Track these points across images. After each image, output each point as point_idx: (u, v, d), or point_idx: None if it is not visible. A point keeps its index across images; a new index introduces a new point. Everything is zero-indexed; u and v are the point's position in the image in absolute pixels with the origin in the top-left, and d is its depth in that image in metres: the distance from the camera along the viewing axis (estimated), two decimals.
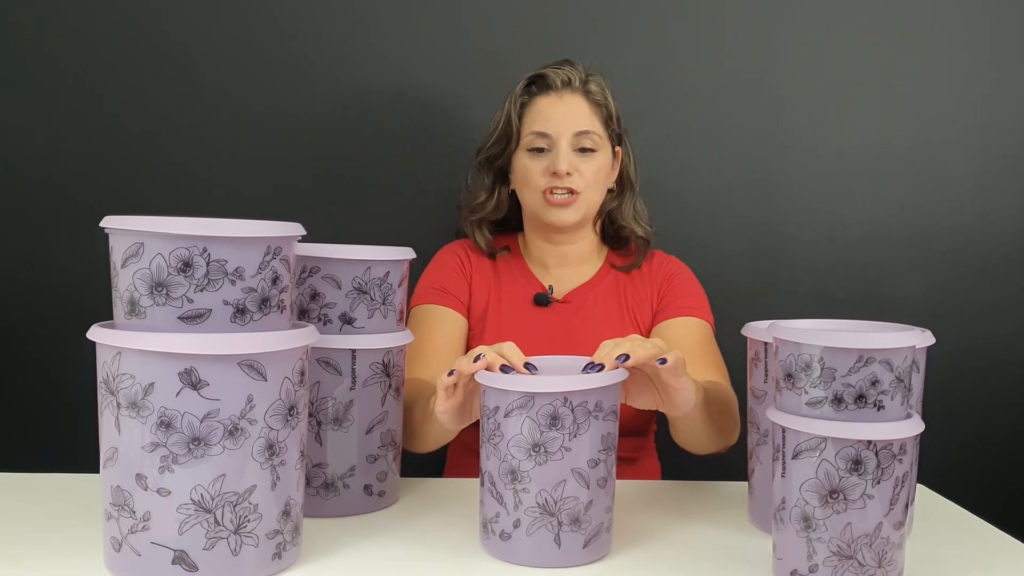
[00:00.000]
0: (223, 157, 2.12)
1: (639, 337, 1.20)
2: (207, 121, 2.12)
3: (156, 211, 1.01)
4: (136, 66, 2.11)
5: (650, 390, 1.24)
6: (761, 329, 1.23)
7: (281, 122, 2.12)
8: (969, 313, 2.23)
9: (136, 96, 2.11)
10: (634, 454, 1.76)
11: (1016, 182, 2.23)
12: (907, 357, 1.01)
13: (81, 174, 2.11)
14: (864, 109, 2.20)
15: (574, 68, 1.73)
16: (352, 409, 1.27)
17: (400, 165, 2.13)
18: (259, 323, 1.01)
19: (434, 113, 2.13)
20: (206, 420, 0.96)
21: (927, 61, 2.20)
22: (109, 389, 0.99)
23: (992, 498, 1.70)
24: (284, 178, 2.12)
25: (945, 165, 2.22)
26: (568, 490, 1.08)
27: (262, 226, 1.00)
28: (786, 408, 1.05)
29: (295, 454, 1.05)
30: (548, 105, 1.71)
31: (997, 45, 2.21)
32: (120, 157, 2.11)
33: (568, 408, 1.07)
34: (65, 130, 2.11)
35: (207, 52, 2.12)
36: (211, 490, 0.97)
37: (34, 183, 2.11)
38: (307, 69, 2.13)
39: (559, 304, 1.75)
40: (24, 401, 2.14)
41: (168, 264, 0.96)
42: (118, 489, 0.99)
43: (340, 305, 1.26)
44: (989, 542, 1.25)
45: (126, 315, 0.99)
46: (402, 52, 2.12)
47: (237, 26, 2.12)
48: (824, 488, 1.00)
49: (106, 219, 0.99)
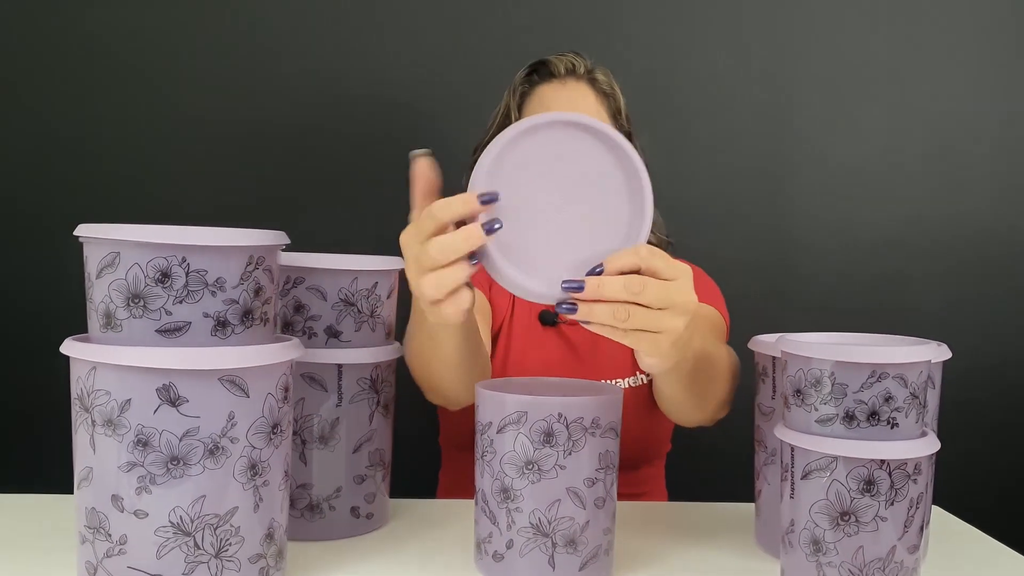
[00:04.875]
0: (203, 163, 2.12)
1: (652, 283, 0.96)
2: (186, 126, 2.12)
3: (133, 219, 1.01)
4: (112, 70, 2.11)
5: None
6: (769, 343, 1.23)
7: (264, 126, 2.13)
8: (987, 326, 2.24)
9: (112, 100, 2.11)
10: (640, 488, 1.72)
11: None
12: (922, 372, 1.02)
13: (55, 181, 2.11)
14: (877, 111, 2.21)
15: (578, 56, 1.71)
16: (338, 427, 1.27)
17: (389, 170, 2.13)
18: (241, 337, 1.01)
19: (426, 115, 2.13)
20: (185, 438, 0.96)
21: (943, 60, 2.21)
22: (83, 406, 0.99)
23: (1012, 521, 1.70)
24: (267, 185, 2.13)
25: (962, 170, 2.23)
26: (563, 510, 1.08)
27: (244, 235, 1.00)
28: (795, 426, 1.05)
29: (279, 474, 1.05)
30: (551, 93, 1.68)
31: (1018, 45, 2.22)
32: (96, 163, 2.12)
33: (563, 424, 1.07)
34: (39, 135, 2.11)
35: (187, 55, 2.12)
36: (191, 512, 0.97)
37: (5, 190, 2.11)
38: (291, 71, 2.13)
39: (565, 326, 1.71)
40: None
41: (145, 274, 0.96)
42: (93, 511, 0.99)
43: (326, 318, 1.26)
44: (1009, 567, 1.25)
45: (101, 328, 0.99)
46: (391, 51, 2.13)
47: (218, 28, 2.13)
48: (835, 510, 1.00)
49: (80, 227, 0.99)
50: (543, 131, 0.98)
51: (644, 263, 0.95)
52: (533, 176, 0.98)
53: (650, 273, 0.95)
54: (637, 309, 0.95)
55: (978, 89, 2.22)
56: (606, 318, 0.95)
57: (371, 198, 2.12)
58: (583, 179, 0.99)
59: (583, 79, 1.70)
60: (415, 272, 0.98)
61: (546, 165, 0.98)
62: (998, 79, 2.22)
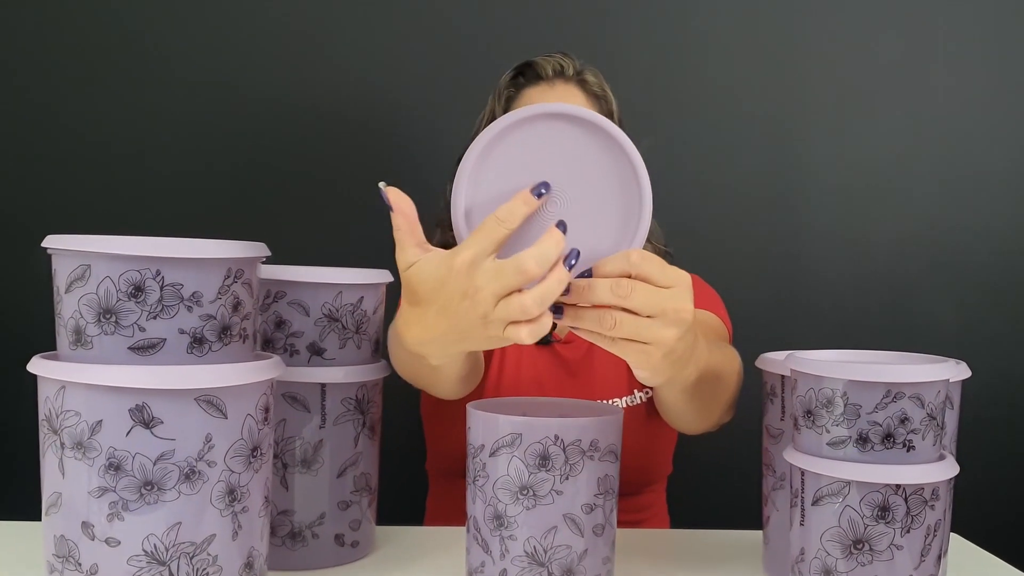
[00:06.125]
0: (180, 171, 2.13)
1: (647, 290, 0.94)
2: (161, 132, 2.12)
3: (105, 230, 1.01)
4: (84, 74, 2.12)
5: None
6: (777, 361, 1.23)
7: (243, 132, 2.13)
8: (1009, 342, 2.24)
9: (84, 105, 2.12)
10: (641, 514, 1.72)
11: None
12: (940, 392, 1.02)
13: (22, 189, 2.11)
14: (889, 116, 2.21)
15: (567, 57, 1.71)
16: (322, 450, 1.27)
17: (375, 179, 2.13)
18: (218, 354, 1.01)
19: (412, 122, 2.14)
20: (160, 462, 0.96)
21: (958, 62, 2.22)
22: (52, 428, 0.98)
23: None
24: (247, 194, 2.13)
25: (981, 176, 2.23)
26: (560, 538, 1.08)
27: (222, 246, 1.00)
28: (805, 449, 1.05)
29: (259, 500, 1.05)
30: (538, 96, 1.68)
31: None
32: (65, 171, 2.12)
33: (559, 447, 1.07)
34: (4, 140, 2.11)
35: (162, 57, 2.12)
36: (165, 540, 0.97)
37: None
38: (272, 74, 2.13)
39: (560, 345, 1.71)
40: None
41: (117, 288, 0.96)
42: (62, 539, 0.99)
43: (308, 334, 1.26)
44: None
45: (71, 345, 0.99)
46: (375, 55, 2.13)
47: (198, 31, 2.13)
48: (847, 538, 1.00)
49: (48, 238, 0.99)
50: (529, 125, 0.96)
51: (635, 269, 0.93)
52: (520, 175, 0.96)
53: (642, 279, 0.93)
54: (625, 316, 0.93)
55: (999, 91, 2.23)
56: (592, 324, 0.94)
57: (356, 209, 2.12)
58: (573, 177, 0.97)
59: (572, 81, 1.70)
60: (497, 325, 0.92)
61: (534, 163, 0.96)
62: (1021, 80, 2.23)
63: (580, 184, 0.97)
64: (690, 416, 1.35)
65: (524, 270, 0.89)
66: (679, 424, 1.43)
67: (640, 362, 0.98)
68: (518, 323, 0.92)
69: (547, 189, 0.94)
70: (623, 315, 0.93)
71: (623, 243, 0.96)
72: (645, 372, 1.04)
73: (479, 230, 0.91)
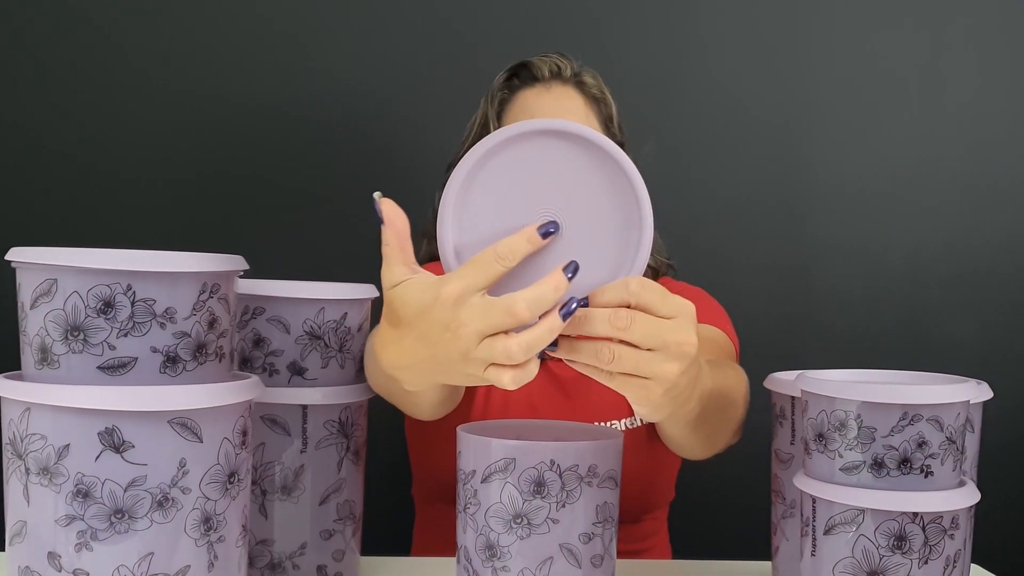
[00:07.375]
0: (152, 179, 2.12)
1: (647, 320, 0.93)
2: (134, 138, 2.12)
3: (72, 242, 1.01)
4: (45, 79, 2.12)
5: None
6: (787, 381, 1.23)
7: (219, 139, 2.13)
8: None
9: (53, 111, 2.12)
10: (642, 544, 1.71)
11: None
12: (960, 414, 1.02)
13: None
14: (904, 122, 2.22)
15: (564, 58, 1.71)
16: (303, 476, 1.27)
17: (359, 189, 2.13)
18: (193, 374, 1.01)
19: (399, 129, 2.14)
20: (131, 488, 0.96)
21: (981, 62, 2.22)
22: (16, 452, 0.98)
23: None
24: (223, 204, 2.13)
25: (1001, 186, 2.23)
26: (556, 569, 1.08)
27: (196, 259, 1.00)
28: (817, 474, 1.05)
29: (236, 529, 1.05)
30: (533, 98, 1.69)
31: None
32: (31, 179, 2.11)
33: (555, 473, 1.07)
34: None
35: (135, 61, 2.13)
36: (137, 571, 0.97)
37: None
38: (251, 79, 2.13)
39: (554, 363, 1.69)
40: None
41: (86, 304, 0.96)
42: (27, 570, 0.99)
43: (289, 353, 1.26)
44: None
45: (36, 364, 0.99)
46: (360, 55, 2.14)
47: (175, 37, 2.13)
48: (862, 569, 1.00)
49: (12, 251, 0.99)
50: (519, 143, 0.94)
51: (634, 298, 0.91)
52: (510, 197, 0.94)
53: (642, 309, 0.92)
54: (624, 349, 0.91)
55: (1018, 94, 2.23)
56: (589, 357, 0.93)
57: (339, 220, 2.13)
58: (567, 199, 0.95)
59: (569, 82, 1.70)
60: (477, 365, 0.91)
61: (525, 183, 0.94)
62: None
63: (575, 206, 0.95)
64: (694, 445, 1.34)
65: (514, 313, 0.87)
66: (682, 452, 1.42)
67: (640, 398, 0.97)
68: (501, 366, 0.91)
69: (555, 229, 0.92)
70: (622, 348, 0.92)
71: (622, 270, 0.95)
72: (645, 408, 1.03)
73: (473, 262, 0.90)
